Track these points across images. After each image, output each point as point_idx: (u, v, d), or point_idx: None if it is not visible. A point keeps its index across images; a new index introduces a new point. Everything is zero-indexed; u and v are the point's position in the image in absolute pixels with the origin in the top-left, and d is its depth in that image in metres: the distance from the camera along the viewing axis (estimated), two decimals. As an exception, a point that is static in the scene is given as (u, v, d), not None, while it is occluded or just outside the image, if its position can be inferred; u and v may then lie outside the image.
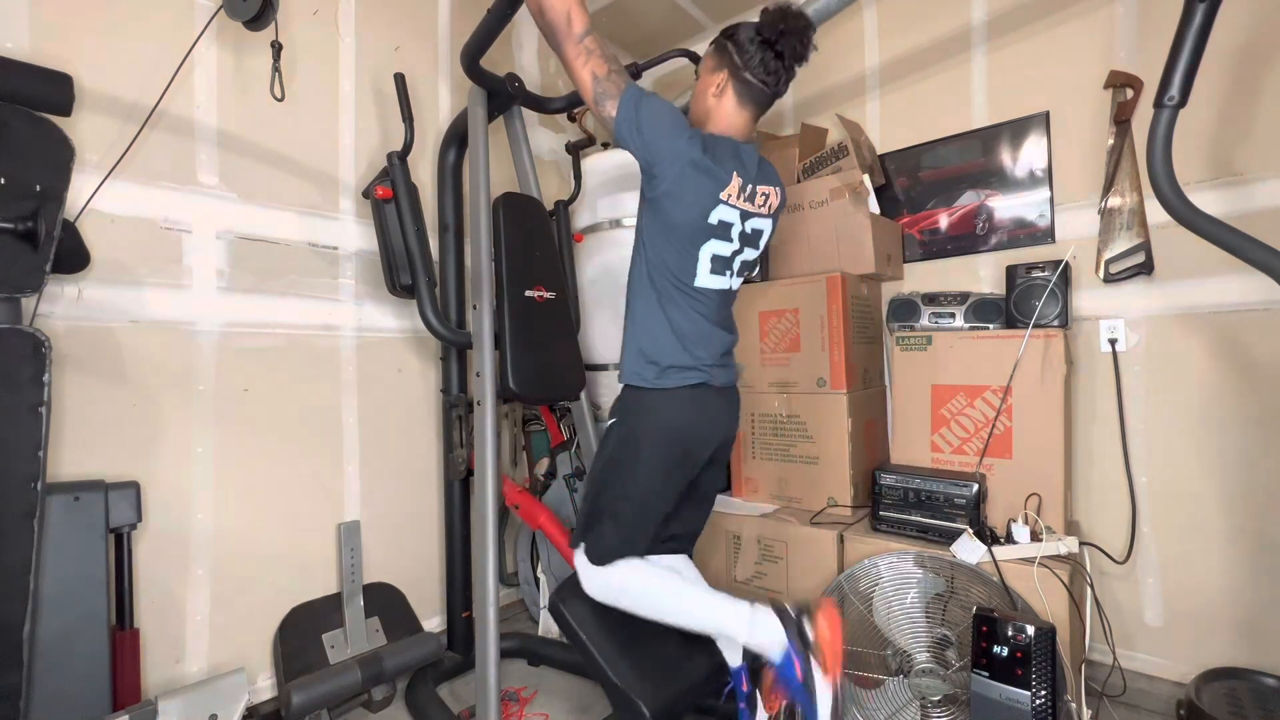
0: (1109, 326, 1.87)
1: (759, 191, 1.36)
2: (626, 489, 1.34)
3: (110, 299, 1.54)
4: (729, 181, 1.29)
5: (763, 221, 1.41)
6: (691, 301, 1.33)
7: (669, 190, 1.26)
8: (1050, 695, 1.26)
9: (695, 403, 1.34)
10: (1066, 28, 1.95)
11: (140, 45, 1.59)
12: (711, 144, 1.29)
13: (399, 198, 1.85)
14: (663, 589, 1.35)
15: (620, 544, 1.35)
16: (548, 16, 1.25)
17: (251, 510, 1.78)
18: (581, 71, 1.25)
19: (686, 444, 1.35)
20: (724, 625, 1.31)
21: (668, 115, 1.26)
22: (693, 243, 1.30)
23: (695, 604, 1.34)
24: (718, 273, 1.35)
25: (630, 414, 1.36)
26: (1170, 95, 1.23)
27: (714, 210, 1.29)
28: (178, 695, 1.37)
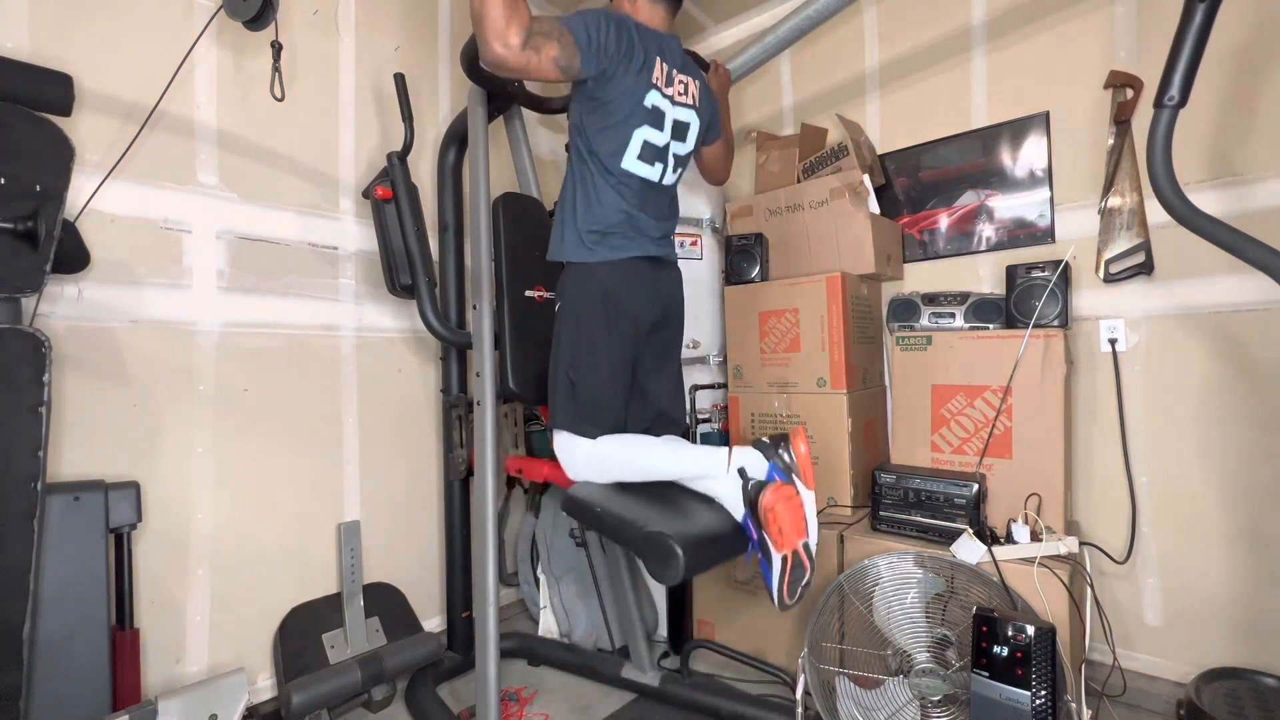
0: (1109, 326, 1.87)
1: (677, 78, 1.44)
2: (576, 359, 1.42)
3: (110, 299, 1.54)
4: (655, 67, 1.38)
5: (686, 112, 1.48)
6: (617, 183, 1.41)
7: (604, 73, 1.33)
8: (1050, 695, 1.26)
9: (628, 270, 1.42)
10: (1066, 28, 1.95)
11: (140, 45, 1.59)
12: (640, 31, 1.38)
13: (399, 198, 1.85)
14: (641, 447, 1.44)
15: (581, 411, 1.42)
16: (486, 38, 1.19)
17: (251, 510, 1.78)
18: (541, 68, 1.26)
19: (622, 306, 1.43)
20: (706, 466, 1.39)
21: (609, 21, 1.33)
22: (626, 125, 1.38)
23: (675, 454, 1.43)
24: (645, 160, 1.42)
25: (565, 291, 1.45)
26: (1170, 95, 1.23)
27: (648, 94, 1.38)
28: (178, 695, 1.37)
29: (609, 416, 1.44)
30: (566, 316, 1.45)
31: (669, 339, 1.57)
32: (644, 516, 1.31)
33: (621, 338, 1.43)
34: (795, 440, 1.34)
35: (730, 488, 1.36)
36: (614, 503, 1.39)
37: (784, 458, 1.32)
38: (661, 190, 1.49)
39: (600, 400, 1.42)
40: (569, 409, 1.42)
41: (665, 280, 1.53)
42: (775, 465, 1.32)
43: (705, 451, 1.42)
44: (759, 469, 1.33)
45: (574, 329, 1.43)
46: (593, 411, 1.42)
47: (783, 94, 2.63)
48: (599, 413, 1.42)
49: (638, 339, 1.47)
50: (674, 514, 1.36)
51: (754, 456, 1.35)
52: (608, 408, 1.43)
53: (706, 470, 1.39)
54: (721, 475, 1.36)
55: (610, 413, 1.44)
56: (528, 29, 1.21)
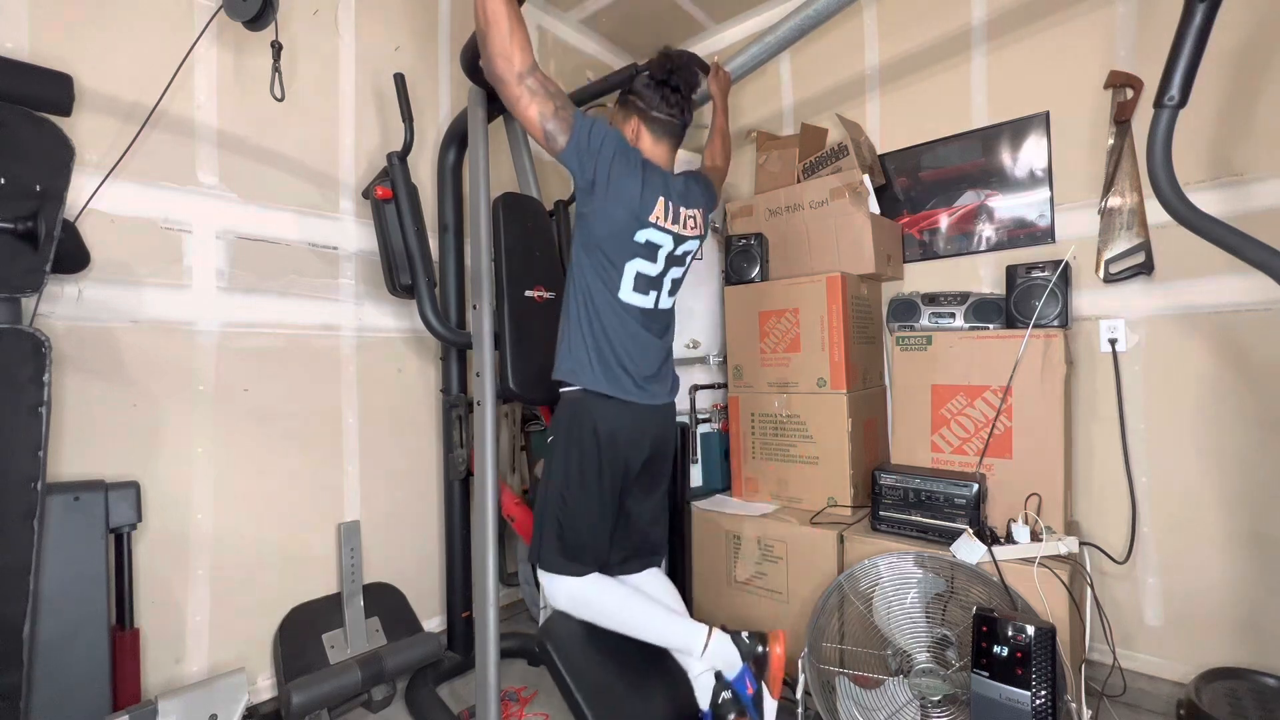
0: (1109, 326, 1.87)
1: (684, 214, 1.46)
2: (563, 498, 1.42)
3: (110, 299, 1.54)
4: (655, 204, 1.38)
5: (691, 243, 1.51)
6: (622, 311, 1.42)
7: (602, 210, 1.35)
8: (1050, 695, 1.26)
9: (623, 410, 1.42)
10: (1066, 28, 1.95)
11: (140, 45, 1.59)
12: (646, 168, 1.40)
13: (399, 198, 1.85)
14: (622, 604, 1.46)
15: (568, 552, 1.43)
16: (490, 48, 1.23)
17: (251, 510, 1.78)
18: (527, 111, 1.28)
19: (619, 448, 1.42)
20: (682, 643, 1.44)
21: (615, 142, 1.35)
22: (618, 259, 1.39)
23: (655, 621, 1.46)
24: (641, 291, 1.44)
25: (564, 421, 1.45)
26: (1170, 95, 1.23)
27: (641, 231, 1.38)
28: (178, 695, 1.37)
29: (594, 555, 1.46)
30: (561, 449, 1.44)
31: (657, 472, 1.59)
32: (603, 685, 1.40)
33: (612, 479, 1.44)
34: (773, 644, 1.41)
35: (702, 680, 1.42)
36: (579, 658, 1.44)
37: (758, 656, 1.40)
38: (659, 315, 1.51)
39: (586, 542, 1.44)
40: (555, 549, 1.44)
41: (661, 420, 1.53)
42: (748, 669, 1.39)
43: (684, 627, 1.45)
44: (733, 669, 1.39)
45: (565, 467, 1.42)
46: (578, 552, 1.44)
47: (783, 94, 2.63)
48: (585, 553, 1.44)
49: (627, 478, 1.48)
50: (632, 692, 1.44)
51: (730, 654, 1.40)
52: (594, 547, 1.45)
53: (684, 647, 1.44)
54: (696, 658, 1.41)
55: (596, 552, 1.46)
56: (532, 62, 1.25)
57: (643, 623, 1.45)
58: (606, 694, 1.40)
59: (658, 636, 1.46)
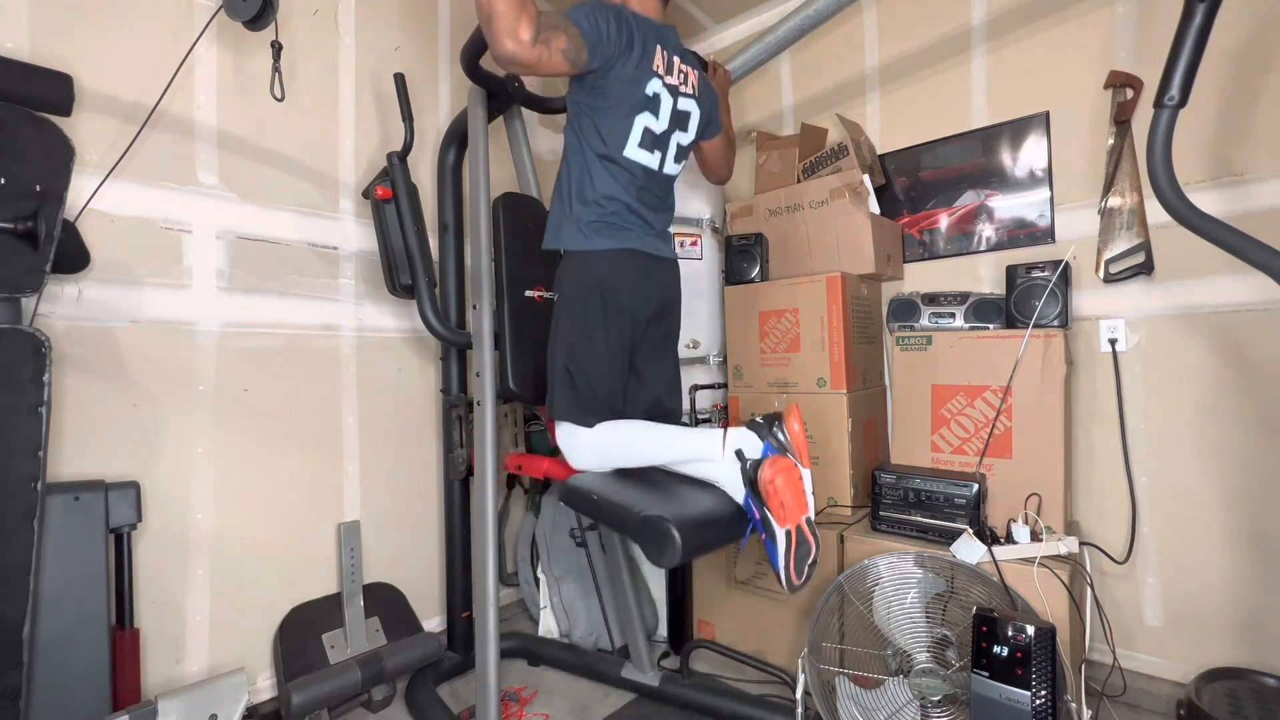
0: (1109, 326, 1.87)
1: (678, 66, 1.44)
2: (574, 350, 1.42)
3: (110, 299, 1.54)
4: (654, 52, 1.39)
5: (688, 102, 1.48)
6: (618, 171, 1.41)
7: (610, 60, 1.34)
8: (1050, 695, 1.26)
9: (626, 261, 1.43)
10: (1066, 28, 1.95)
11: (140, 45, 1.59)
12: (638, 21, 1.40)
13: (399, 198, 1.85)
14: (639, 431, 1.45)
15: (581, 401, 1.43)
16: (496, 39, 1.20)
17: (251, 510, 1.78)
18: (552, 62, 1.25)
19: (619, 297, 1.42)
20: (702, 448, 1.39)
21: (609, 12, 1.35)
22: (626, 112, 1.38)
23: (672, 437, 1.43)
24: (646, 148, 1.42)
25: (562, 282, 1.46)
26: (1170, 95, 1.23)
27: (649, 82, 1.38)
28: (178, 695, 1.37)
29: (608, 404, 1.45)
30: (563, 307, 1.45)
31: (666, 330, 1.58)
32: (640, 502, 1.31)
33: (619, 328, 1.44)
34: (789, 419, 1.34)
35: (728, 470, 1.35)
36: (610, 490, 1.39)
37: (778, 436, 1.33)
38: (661, 179, 1.50)
39: (598, 390, 1.43)
40: (568, 399, 1.43)
41: (663, 273, 1.53)
42: (770, 445, 1.32)
43: (701, 434, 1.42)
44: (754, 449, 1.33)
45: (570, 319, 1.43)
46: (591, 401, 1.43)
47: (783, 94, 2.63)
48: (598, 402, 1.44)
49: (635, 330, 1.48)
50: (671, 498, 1.35)
51: (749, 437, 1.34)
52: (606, 396, 1.44)
53: (703, 453, 1.39)
54: (718, 458, 1.36)
55: (609, 401, 1.45)
56: (537, 23, 1.21)
57: (662, 444, 1.43)
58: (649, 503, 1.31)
59: (679, 451, 1.42)
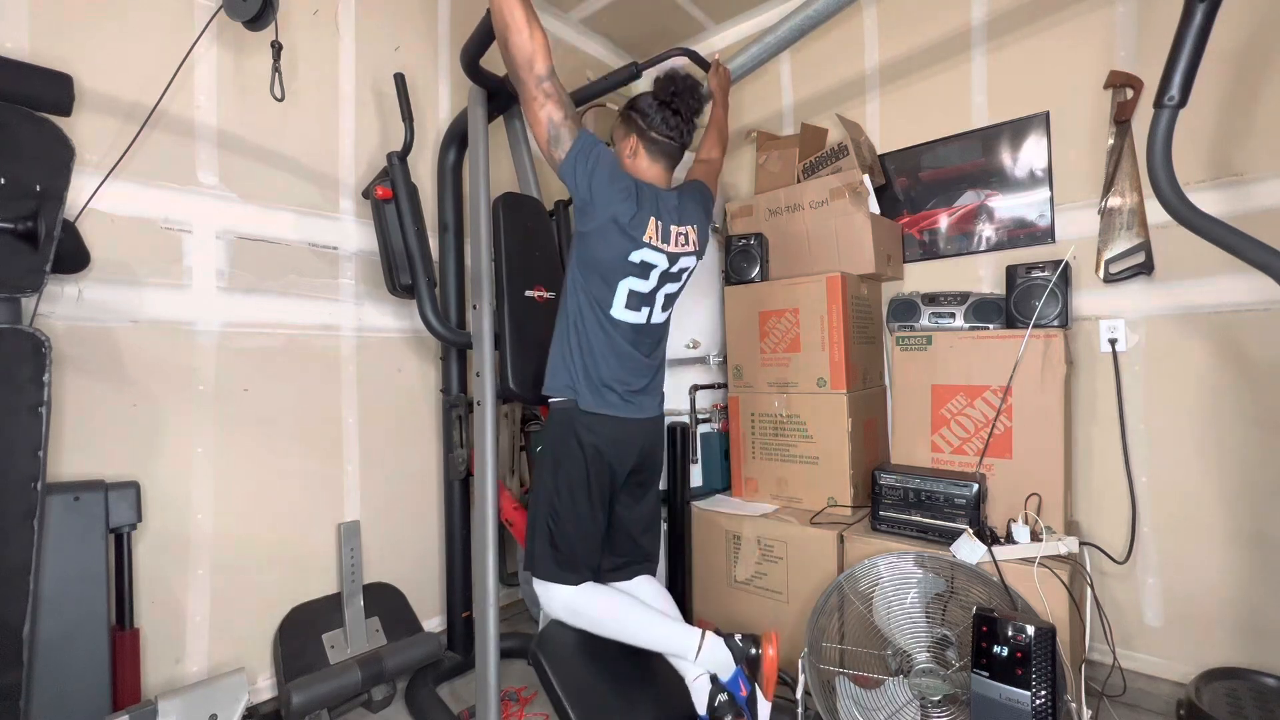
0: (1109, 326, 1.87)
1: (675, 232, 1.48)
2: (553, 507, 1.46)
3: (110, 299, 1.54)
4: (647, 226, 1.41)
5: (687, 259, 1.53)
6: (610, 330, 1.45)
7: (597, 229, 1.39)
8: (1050, 695, 1.26)
9: (613, 428, 1.46)
10: (1066, 28, 1.95)
11: (140, 45, 1.59)
12: (639, 190, 1.42)
13: (399, 198, 1.85)
14: (616, 611, 1.49)
15: (561, 561, 1.46)
16: (511, 51, 1.30)
17: (251, 510, 1.78)
18: (539, 113, 1.33)
19: (604, 459, 1.46)
20: (676, 647, 1.45)
21: (609, 166, 1.38)
22: (611, 277, 1.43)
23: (649, 628, 1.48)
24: (633, 308, 1.46)
25: (550, 435, 1.50)
26: (1170, 95, 1.23)
27: (635, 251, 1.41)
28: (178, 695, 1.37)
29: (587, 561, 1.49)
30: (548, 463, 1.49)
31: (646, 479, 1.61)
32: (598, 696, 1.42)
33: (600, 488, 1.47)
34: (766, 646, 1.42)
35: (698, 685, 1.42)
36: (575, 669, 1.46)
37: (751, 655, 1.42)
38: (650, 329, 1.53)
39: (578, 549, 1.47)
40: (548, 557, 1.47)
41: (648, 432, 1.57)
42: (740, 671, 1.40)
43: (678, 632, 1.46)
44: (727, 670, 1.40)
45: (554, 478, 1.47)
46: (571, 560, 1.47)
47: (783, 94, 2.63)
48: (578, 560, 1.47)
49: (614, 486, 1.52)
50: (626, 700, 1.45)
51: (724, 655, 1.41)
52: (585, 555, 1.49)
53: (678, 652, 1.45)
54: (690, 660, 1.43)
55: (588, 559, 1.49)
56: (551, 69, 1.30)
57: (637, 629, 1.48)
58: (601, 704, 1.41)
59: (652, 642, 1.48)
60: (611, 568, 1.58)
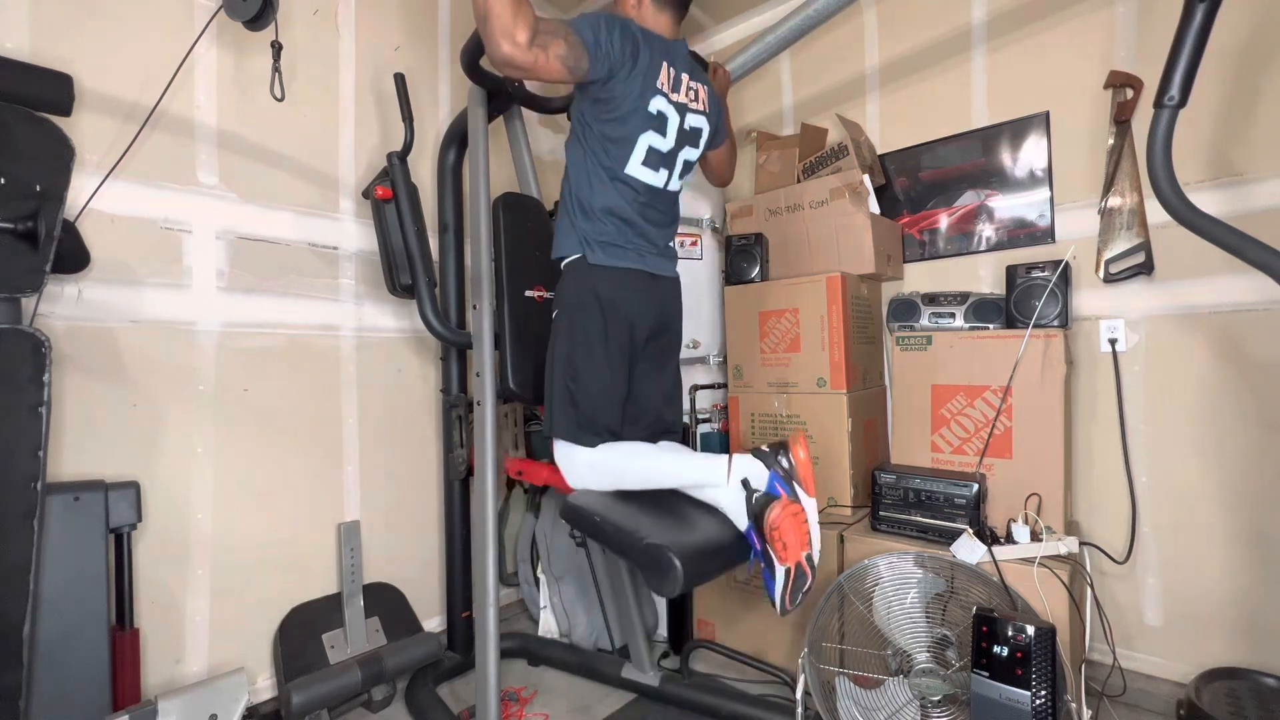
0: (1109, 326, 1.87)
1: (685, 83, 1.43)
2: (573, 366, 1.42)
3: (110, 299, 1.54)
4: (660, 70, 1.38)
5: (698, 118, 1.48)
6: (622, 188, 1.41)
7: (611, 73, 1.33)
8: (1050, 695, 1.26)
9: (626, 280, 1.43)
10: (1066, 27, 1.95)
11: (140, 45, 1.59)
12: (646, 36, 1.39)
13: (399, 198, 1.85)
14: (642, 455, 1.44)
15: (581, 420, 1.42)
16: (492, 39, 1.19)
17: (251, 510, 1.78)
18: (548, 67, 1.25)
19: (619, 314, 1.42)
20: (707, 474, 1.39)
21: (618, 23, 1.35)
22: (630, 130, 1.38)
23: (676, 461, 1.44)
24: (650, 166, 1.42)
25: (563, 295, 1.46)
26: (1170, 95, 1.23)
27: (653, 98, 1.36)
28: (178, 695, 1.37)
29: (608, 424, 1.44)
30: (563, 322, 1.45)
31: (666, 346, 1.58)
32: (644, 526, 1.30)
33: (619, 344, 1.43)
34: (795, 447, 1.34)
35: (733, 498, 1.35)
36: (614, 511, 1.37)
37: (784, 465, 1.33)
38: (666, 196, 1.49)
39: (598, 408, 1.42)
40: (568, 418, 1.42)
41: (663, 291, 1.53)
42: (776, 474, 1.32)
43: (706, 459, 1.42)
44: (760, 479, 1.33)
45: (570, 335, 1.43)
46: (591, 420, 1.42)
47: (783, 94, 2.63)
48: (598, 421, 1.43)
49: (634, 346, 1.47)
50: (674, 524, 1.35)
51: (754, 466, 1.35)
52: (606, 415, 1.44)
53: (708, 479, 1.39)
54: (723, 485, 1.36)
55: (609, 420, 1.44)
56: (534, 27, 1.21)
57: (665, 469, 1.43)
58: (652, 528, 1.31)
59: (682, 477, 1.43)
60: (632, 437, 1.52)
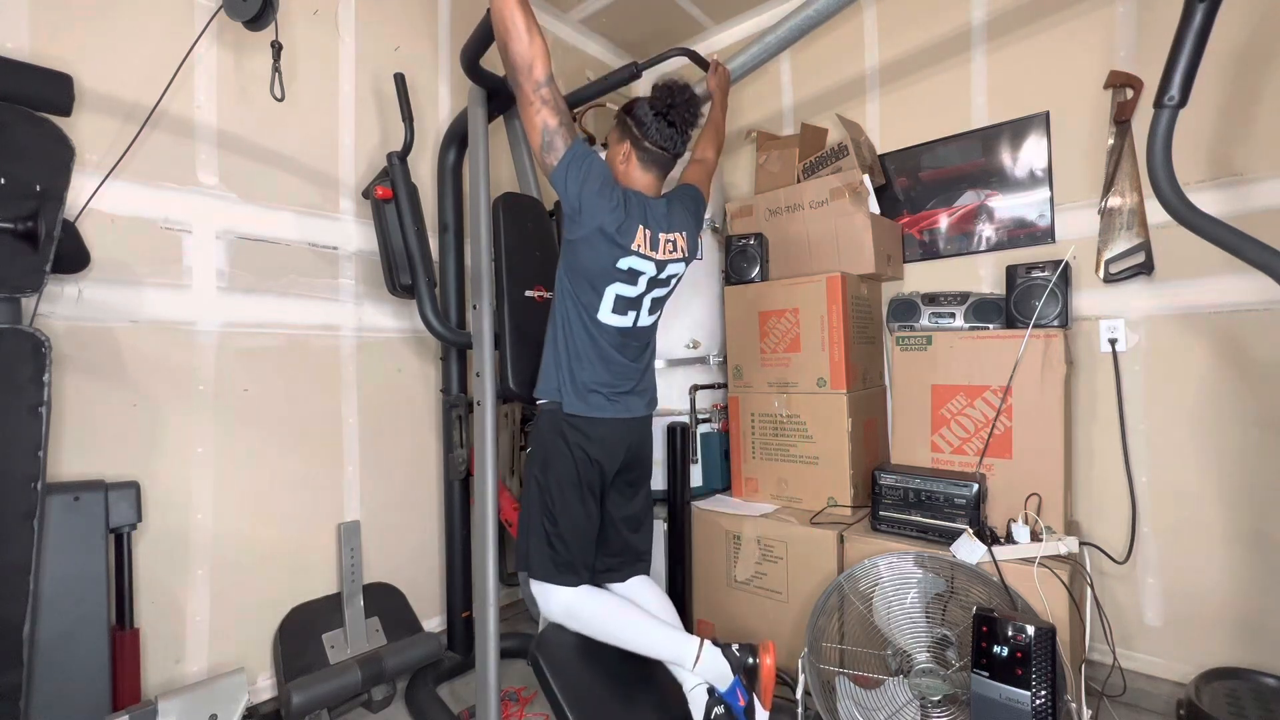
0: (1109, 326, 1.87)
1: (663, 240, 1.48)
2: (548, 508, 1.48)
3: (110, 299, 1.54)
4: (635, 235, 1.41)
5: (675, 266, 1.54)
6: (597, 333, 1.47)
7: (585, 238, 1.39)
8: (1050, 695, 1.26)
9: (599, 428, 1.48)
10: (1066, 28, 1.95)
11: (140, 45, 1.59)
12: (628, 200, 1.42)
13: (399, 198, 1.85)
14: (614, 616, 1.50)
15: (558, 561, 1.48)
16: (511, 56, 1.30)
17: (251, 510, 1.78)
18: (535, 118, 1.33)
19: (592, 458, 1.48)
20: (674, 655, 1.45)
21: (600, 177, 1.38)
22: (599, 283, 1.44)
23: (647, 634, 1.48)
24: (619, 312, 1.48)
25: (539, 436, 1.52)
26: (1170, 95, 1.23)
27: (624, 258, 1.42)
28: (178, 695, 1.37)
29: (583, 561, 1.50)
30: (538, 460, 1.51)
31: (635, 479, 1.63)
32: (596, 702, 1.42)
33: (589, 485, 1.49)
34: (764, 654, 1.41)
35: (695, 695, 1.43)
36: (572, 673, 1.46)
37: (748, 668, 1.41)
38: (637, 332, 1.54)
39: (575, 549, 1.48)
40: (546, 558, 1.48)
41: (636, 431, 1.58)
42: (739, 681, 1.39)
43: (676, 639, 1.46)
44: (724, 681, 1.40)
45: (545, 475, 1.49)
46: (569, 561, 1.48)
47: (783, 94, 2.63)
48: (575, 561, 1.49)
49: (604, 481, 1.54)
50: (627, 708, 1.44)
51: (721, 665, 1.41)
52: (582, 554, 1.50)
53: (675, 660, 1.46)
54: (688, 668, 1.43)
55: (584, 558, 1.51)
56: (551, 74, 1.31)
57: (635, 635, 1.48)
58: (600, 709, 1.41)
59: (650, 649, 1.48)
60: (605, 569, 1.60)
